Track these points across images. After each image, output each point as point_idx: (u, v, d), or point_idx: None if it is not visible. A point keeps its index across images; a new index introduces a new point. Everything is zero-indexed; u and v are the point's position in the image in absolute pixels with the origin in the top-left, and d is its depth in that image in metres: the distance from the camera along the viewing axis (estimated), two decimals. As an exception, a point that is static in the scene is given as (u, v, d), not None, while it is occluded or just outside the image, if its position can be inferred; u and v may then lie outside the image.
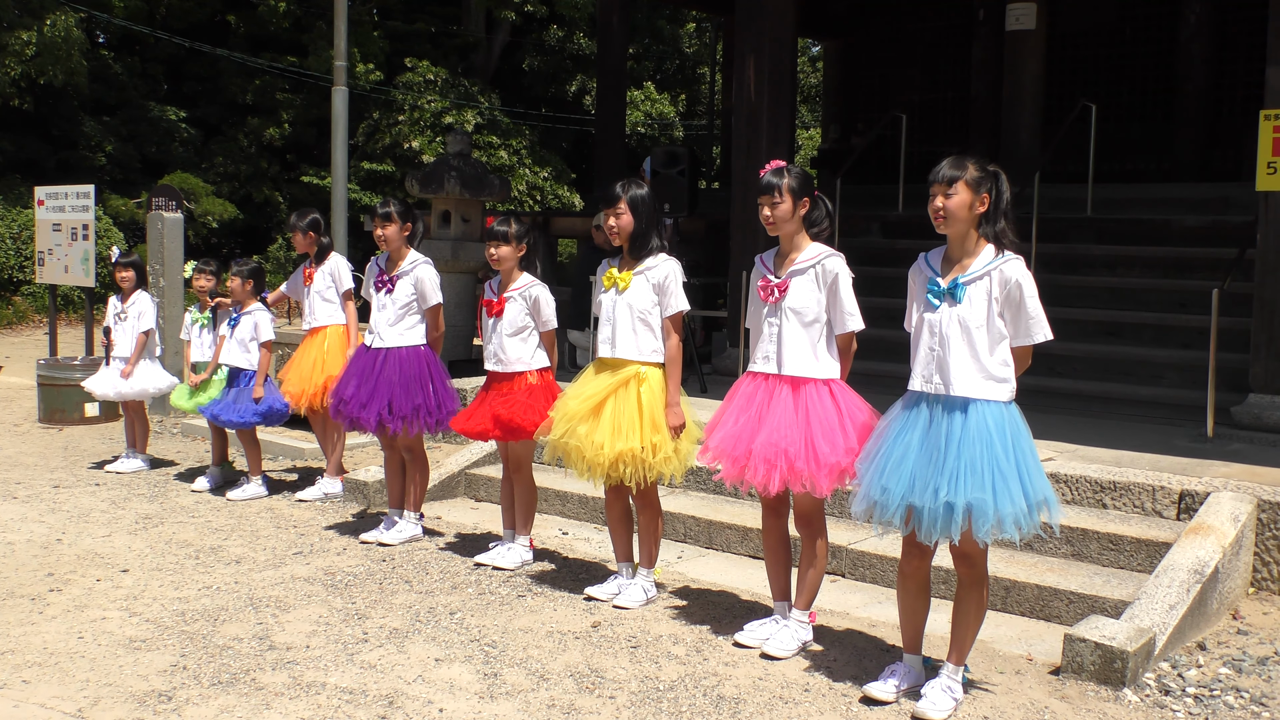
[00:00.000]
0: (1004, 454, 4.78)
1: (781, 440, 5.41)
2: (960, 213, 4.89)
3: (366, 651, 5.60)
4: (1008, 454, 4.78)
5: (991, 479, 4.72)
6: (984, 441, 4.78)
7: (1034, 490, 4.79)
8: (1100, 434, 8.52)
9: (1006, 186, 4.97)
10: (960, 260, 4.98)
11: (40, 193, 13.80)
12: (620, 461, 6.06)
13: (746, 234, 11.36)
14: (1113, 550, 6.56)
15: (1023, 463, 4.80)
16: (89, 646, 5.64)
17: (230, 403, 8.84)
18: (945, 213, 4.90)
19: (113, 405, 11.51)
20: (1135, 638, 5.36)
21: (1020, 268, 4.88)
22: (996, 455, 4.76)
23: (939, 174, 4.93)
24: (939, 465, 4.80)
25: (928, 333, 4.99)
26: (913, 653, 5.23)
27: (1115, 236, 12.01)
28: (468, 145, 12.84)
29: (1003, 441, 4.80)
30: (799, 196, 5.58)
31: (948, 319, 4.92)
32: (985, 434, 4.79)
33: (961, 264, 4.97)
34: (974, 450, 4.77)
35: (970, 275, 4.91)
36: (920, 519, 4.83)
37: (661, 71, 41.09)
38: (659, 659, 5.57)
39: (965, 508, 4.72)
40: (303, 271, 8.95)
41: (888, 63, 18.06)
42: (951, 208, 4.89)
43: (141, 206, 24.57)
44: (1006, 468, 4.75)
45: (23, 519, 8.08)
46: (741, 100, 11.56)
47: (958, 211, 4.89)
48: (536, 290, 6.98)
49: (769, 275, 5.70)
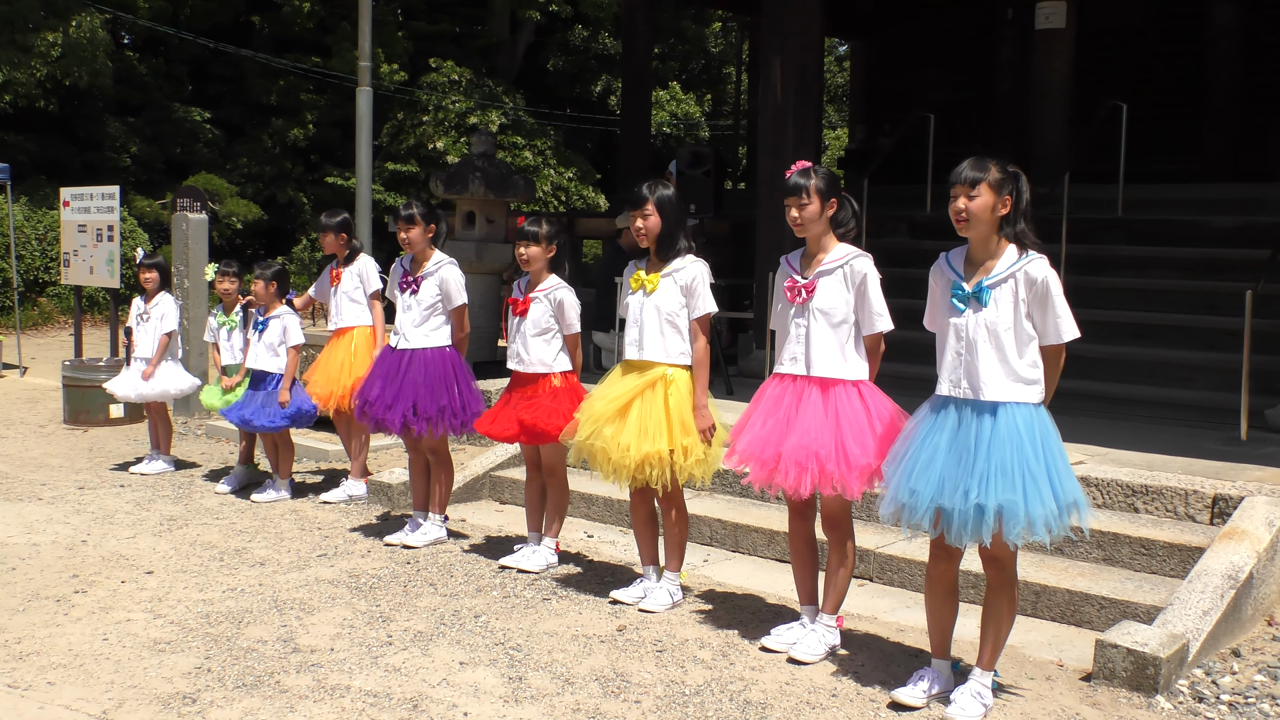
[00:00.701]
0: (1034, 456, 4.75)
1: (812, 442, 5.38)
2: (983, 215, 4.86)
3: (391, 654, 5.60)
4: (1038, 456, 4.75)
5: (1022, 480, 4.69)
6: (1014, 443, 4.75)
7: (1064, 492, 4.75)
8: (1131, 437, 8.46)
9: (1027, 187, 4.94)
10: (983, 262, 4.94)
11: (65, 194, 13.89)
12: (646, 463, 6.04)
13: (772, 235, 11.32)
14: (1145, 555, 6.51)
15: (1053, 465, 4.77)
16: (113, 648, 5.66)
17: (259, 407, 8.83)
18: (968, 214, 4.87)
19: (137, 406, 11.54)
20: (1168, 644, 5.32)
21: (1045, 266, 4.85)
22: (1027, 457, 4.73)
23: (960, 175, 4.89)
24: (969, 467, 4.77)
25: (954, 337, 4.96)
26: (941, 657, 5.20)
27: (1145, 238, 11.94)
28: (492, 146, 12.86)
29: (1032, 443, 4.77)
30: (827, 197, 5.56)
31: (974, 324, 4.89)
32: (1015, 435, 4.76)
33: (985, 266, 4.93)
34: (1004, 452, 4.74)
35: (995, 278, 4.88)
36: (950, 521, 4.80)
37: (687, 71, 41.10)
38: (685, 663, 5.55)
39: (996, 509, 4.69)
40: (329, 272, 8.95)
41: (914, 62, 18.01)
42: (974, 210, 4.85)
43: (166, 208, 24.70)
44: (1037, 469, 4.72)
45: (48, 520, 8.11)
46: (767, 100, 11.53)
47: (980, 214, 4.86)
48: (561, 293, 6.97)
49: (795, 276, 5.68)
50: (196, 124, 30.22)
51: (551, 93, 36.50)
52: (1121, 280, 11.54)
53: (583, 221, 15.95)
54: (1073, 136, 13.82)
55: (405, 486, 8.55)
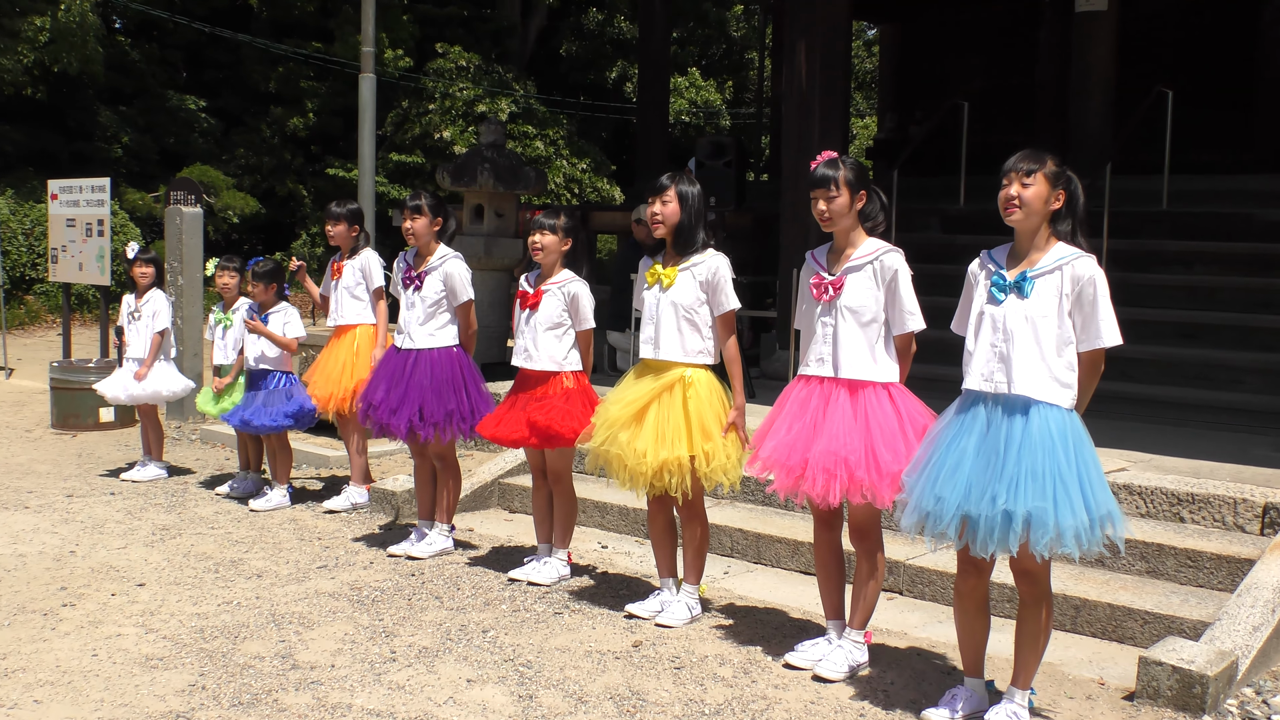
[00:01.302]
0: (1066, 462, 4.73)
1: (841, 448, 5.37)
2: (1036, 204, 4.86)
3: (394, 671, 5.61)
4: (1070, 462, 4.73)
5: (1053, 487, 4.67)
6: (1046, 447, 4.74)
7: (1097, 503, 4.73)
8: (1176, 443, 8.44)
9: (1080, 190, 4.95)
10: (1028, 255, 4.94)
11: (54, 186, 13.93)
12: (665, 470, 6.04)
13: (797, 229, 11.33)
14: (1191, 567, 6.49)
15: (1085, 473, 4.75)
16: (103, 665, 5.67)
17: (260, 406, 8.87)
18: (1021, 201, 4.86)
19: (129, 410, 11.60)
20: (1216, 661, 5.30)
21: (1093, 265, 4.84)
22: (1059, 462, 4.72)
23: (1015, 164, 4.91)
24: (997, 471, 4.76)
25: (989, 328, 4.95)
26: (974, 675, 5.19)
27: (1192, 231, 11.91)
28: (502, 135, 12.87)
29: (1065, 448, 4.75)
30: (856, 189, 5.55)
31: (1014, 313, 4.88)
32: (1048, 438, 4.75)
33: (1030, 258, 4.93)
34: (1035, 456, 4.72)
35: (1040, 269, 4.88)
36: (976, 529, 4.77)
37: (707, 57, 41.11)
38: (704, 681, 5.55)
39: (1024, 517, 4.67)
40: (331, 265, 8.93)
41: (948, 48, 17.99)
42: (1028, 197, 4.85)
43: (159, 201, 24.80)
44: (1069, 476, 4.70)
45: (35, 530, 8.15)
46: (792, 87, 11.53)
47: (1033, 202, 4.86)
48: (576, 286, 6.97)
49: (822, 272, 5.67)
50: (191, 113, 30.34)
51: (564, 80, 36.56)
52: (1167, 277, 11.51)
53: (597, 215, 15.97)
54: (1115, 125, 13.79)
55: (410, 494, 8.57)
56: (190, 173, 27.08)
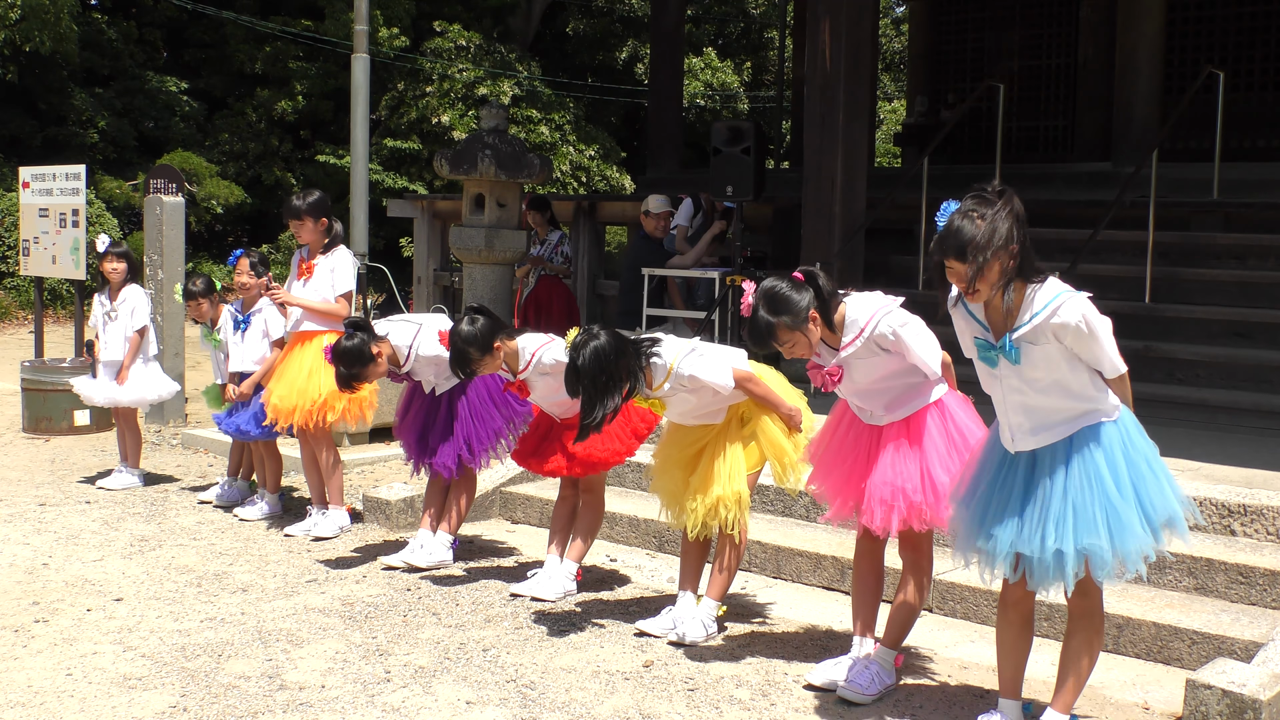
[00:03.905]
0: (1116, 488, 4.70)
1: (897, 477, 5.44)
2: (995, 279, 4.68)
3: (389, 693, 5.63)
4: (1121, 486, 4.71)
5: (1105, 519, 4.67)
6: (1090, 474, 4.71)
7: (1156, 513, 4.72)
8: (1228, 449, 8.43)
9: (1019, 204, 4.78)
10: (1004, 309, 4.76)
11: (25, 174, 13.97)
12: (720, 505, 6.17)
13: (819, 221, 11.32)
14: (1242, 583, 6.48)
15: (1140, 486, 4.73)
16: (79, 685, 5.70)
17: (254, 413, 8.83)
18: (977, 290, 4.70)
19: (105, 414, 11.62)
20: (1270, 685, 5.29)
21: (1075, 307, 4.66)
22: (1108, 492, 4.69)
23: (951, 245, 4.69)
24: (1046, 509, 4.76)
25: (998, 390, 4.91)
26: (1011, 697, 5.17)
27: (1246, 223, 11.87)
28: (504, 120, 12.88)
29: (1113, 467, 4.72)
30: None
31: (1013, 382, 4.82)
32: (1092, 470, 4.72)
33: (1008, 312, 4.76)
34: (1081, 494, 4.71)
35: (1020, 330, 4.73)
36: (1031, 567, 4.79)
37: (724, 36, 41.09)
38: (719, 703, 5.56)
39: (1079, 553, 4.67)
40: (299, 264, 8.52)
41: (982, 25, 17.96)
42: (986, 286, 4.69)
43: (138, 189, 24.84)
44: (1120, 504, 4.68)
45: (5, 541, 8.18)
46: (815, 68, 11.52)
47: (993, 279, 4.68)
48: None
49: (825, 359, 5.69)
50: (172, 95, 30.39)
51: (571, 60, 36.56)
52: (1219, 271, 11.48)
53: (606, 206, 15.96)
54: (1162, 109, 13.76)
55: (405, 504, 8.58)
56: (171, 159, 27.09)
